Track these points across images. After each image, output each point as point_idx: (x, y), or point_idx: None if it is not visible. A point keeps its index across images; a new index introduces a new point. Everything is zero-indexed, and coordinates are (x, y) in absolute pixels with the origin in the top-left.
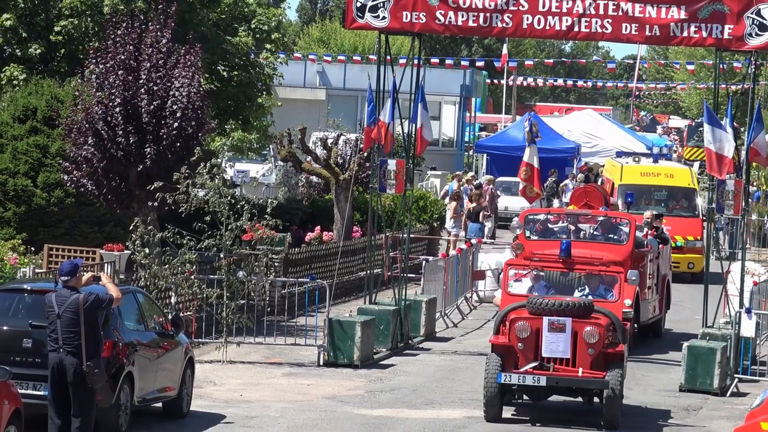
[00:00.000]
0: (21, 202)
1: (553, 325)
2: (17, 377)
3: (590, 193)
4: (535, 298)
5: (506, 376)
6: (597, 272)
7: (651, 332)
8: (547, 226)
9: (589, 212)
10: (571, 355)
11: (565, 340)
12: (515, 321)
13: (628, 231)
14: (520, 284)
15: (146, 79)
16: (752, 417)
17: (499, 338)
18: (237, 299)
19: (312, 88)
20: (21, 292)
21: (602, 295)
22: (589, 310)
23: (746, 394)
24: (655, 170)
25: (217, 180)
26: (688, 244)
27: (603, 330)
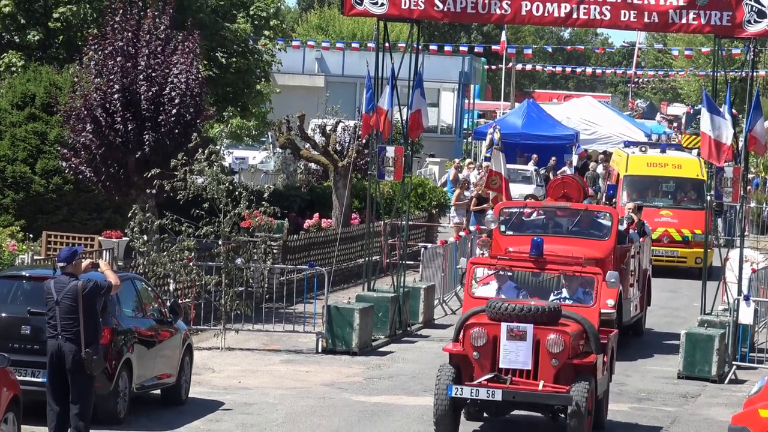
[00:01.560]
0: (19, 188)
1: (512, 332)
2: (16, 364)
3: (568, 184)
4: (495, 301)
5: (457, 390)
6: (572, 273)
7: (631, 331)
8: (522, 220)
9: (568, 205)
10: (532, 366)
11: (526, 349)
12: (470, 327)
13: (610, 225)
14: (488, 287)
15: (145, 65)
16: (750, 404)
17: (454, 346)
18: (235, 286)
19: (310, 75)
20: (19, 279)
21: (581, 299)
22: (556, 316)
23: (744, 381)
24: (662, 161)
25: (216, 167)
26: (696, 237)
27: (569, 338)
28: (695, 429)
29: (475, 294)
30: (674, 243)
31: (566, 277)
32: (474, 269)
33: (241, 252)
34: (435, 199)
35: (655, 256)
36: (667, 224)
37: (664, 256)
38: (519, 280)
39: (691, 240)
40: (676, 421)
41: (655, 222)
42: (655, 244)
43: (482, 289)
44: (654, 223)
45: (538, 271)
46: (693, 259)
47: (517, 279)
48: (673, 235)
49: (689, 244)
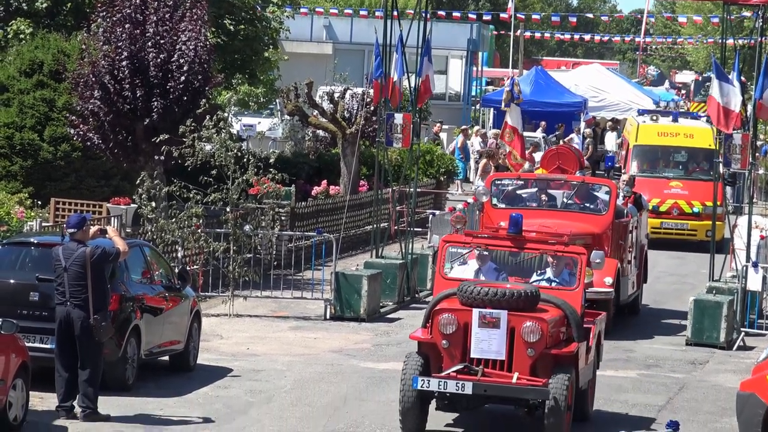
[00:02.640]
0: (28, 156)
1: (485, 319)
2: (24, 330)
3: (563, 155)
4: (466, 284)
5: (424, 382)
6: (553, 252)
7: (627, 309)
8: (515, 192)
9: (564, 177)
10: (506, 356)
11: (500, 337)
12: (439, 313)
13: (607, 199)
14: (465, 267)
15: (153, 32)
16: (759, 370)
17: (422, 334)
18: (243, 253)
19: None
20: (28, 246)
21: (565, 281)
22: (533, 301)
23: (753, 348)
24: (674, 130)
25: (224, 134)
26: (707, 210)
27: (546, 326)
28: (703, 395)
29: (448, 275)
30: (684, 215)
31: (549, 257)
32: (447, 248)
33: (249, 219)
34: (443, 166)
35: (664, 229)
36: (677, 196)
37: (674, 229)
38: (499, 260)
39: (702, 212)
40: (684, 388)
41: (664, 194)
42: (664, 216)
43: (458, 270)
44: (663, 195)
45: (517, 250)
46: (704, 232)
47: (497, 259)
48: (683, 208)
49: (700, 217)
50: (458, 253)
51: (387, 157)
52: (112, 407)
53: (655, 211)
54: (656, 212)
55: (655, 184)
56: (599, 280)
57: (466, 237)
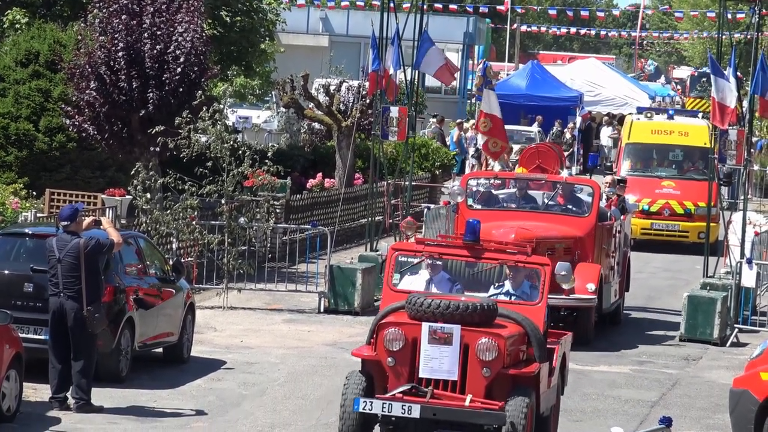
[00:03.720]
0: (23, 146)
1: (435, 334)
2: (18, 321)
3: (543, 154)
4: (416, 296)
5: (366, 404)
6: (513, 263)
7: (609, 319)
8: (492, 193)
9: (544, 177)
10: (459, 376)
11: (452, 355)
12: (385, 327)
13: (590, 201)
14: (416, 277)
15: (149, 23)
16: (752, 367)
17: (366, 350)
18: (238, 245)
19: (315, 34)
20: (22, 237)
21: (527, 295)
22: (490, 315)
23: (746, 345)
24: (668, 127)
25: (219, 126)
26: (699, 211)
27: (504, 343)
28: (696, 391)
29: (397, 287)
30: (676, 216)
31: (508, 269)
32: (396, 257)
33: (244, 211)
34: (438, 159)
35: (654, 231)
36: (669, 196)
37: (665, 230)
38: (454, 270)
39: (695, 213)
40: (677, 384)
41: (655, 194)
42: (654, 217)
43: (408, 281)
44: (654, 194)
45: (473, 260)
46: (696, 233)
47: (452, 269)
48: (675, 208)
49: (692, 218)
50: (408, 262)
51: (382, 150)
52: (105, 399)
53: (645, 211)
54: (647, 213)
55: (647, 184)
56: (581, 287)
57: (416, 245)
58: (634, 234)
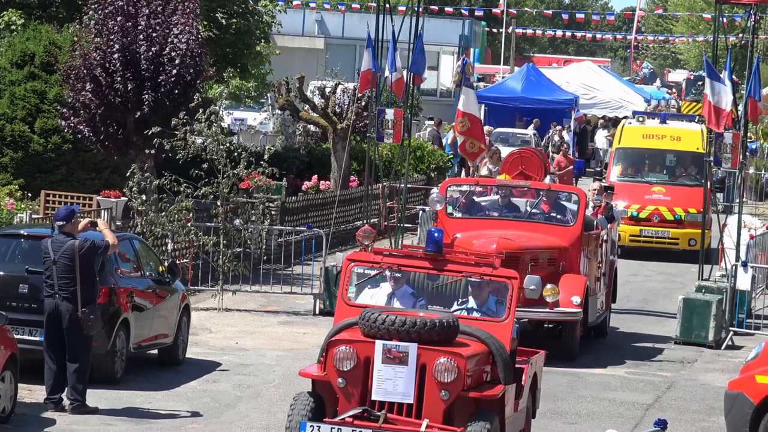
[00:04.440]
0: (18, 147)
1: (389, 353)
2: (13, 322)
3: (527, 159)
4: (369, 311)
5: (313, 428)
6: (478, 276)
7: (594, 332)
8: (473, 200)
9: (527, 184)
10: (415, 399)
11: (407, 376)
12: (335, 345)
13: (576, 209)
14: (375, 291)
15: (145, 25)
16: (747, 370)
17: (314, 370)
18: (233, 247)
19: (310, 36)
20: (18, 238)
21: (493, 311)
22: (450, 333)
23: (741, 347)
24: (660, 132)
25: (215, 127)
26: (689, 217)
27: (464, 363)
28: (691, 394)
29: (352, 301)
30: (665, 223)
31: (473, 282)
32: (351, 268)
33: (240, 213)
34: (434, 162)
35: (644, 237)
36: (659, 202)
37: (654, 237)
38: (418, 284)
39: (685, 220)
40: (672, 386)
41: (645, 199)
42: (644, 223)
43: (368, 295)
44: (644, 200)
45: (435, 272)
46: (686, 240)
47: (415, 283)
48: (665, 214)
49: (682, 224)
50: (365, 274)
51: (378, 152)
52: (100, 400)
53: (634, 218)
54: (635, 219)
55: (636, 190)
56: (566, 300)
57: (374, 256)
58: (622, 241)
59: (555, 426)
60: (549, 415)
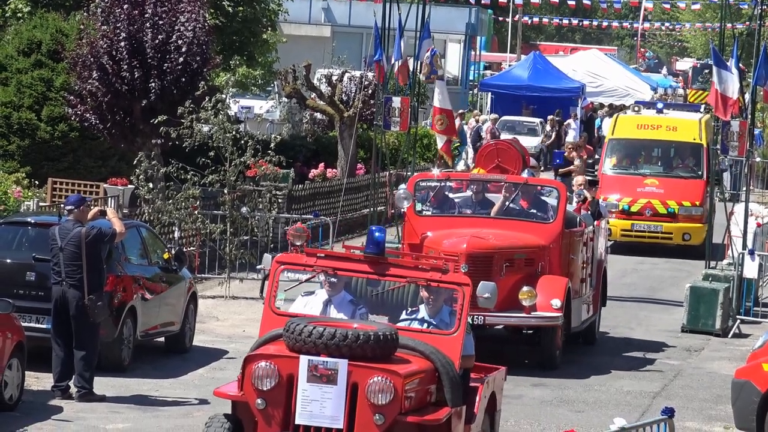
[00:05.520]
0: (25, 135)
1: (316, 370)
2: (20, 310)
3: (504, 152)
4: (295, 321)
5: None
6: (425, 283)
7: (582, 338)
8: (445, 196)
9: (503, 177)
10: (345, 423)
11: (336, 397)
12: (254, 361)
13: (556, 204)
14: (310, 298)
15: (151, 13)
16: (754, 358)
17: (232, 389)
18: (240, 235)
19: (317, 24)
20: (25, 225)
21: (444, 323)
22: (387, 347)
23: (748, 336)
24: (656, 122)
25: (222, 115)
26: (683, 210)
27: (402, 383)
28: (698, 382)
29: (281, 309)
30: (658, 216)
31: (420, 289)
32: (281, 271)
33: (247, 201)
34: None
35: (635, 232)
36: (651, 195)
37: (647, 231)
38: (359, 290)
39: (678, 213)
40: (679, 375)
41: (637, 192)
42: (635, 217)
43: (302, 303)
44: (636, 193)
45: (376, 277)
46: (680, 235)
47: (356, 289)
48: (657, 208)
49: (676, 218)
50: (297, 279)
51: (384, 140)
52: (107, 388)
53: (626, 211)
54: (627, 213)
55: (628, 182)
56: (545, 303)
57: (307, 257)
58: (614, 236)
59: (562, 414)
60: (556, 403)
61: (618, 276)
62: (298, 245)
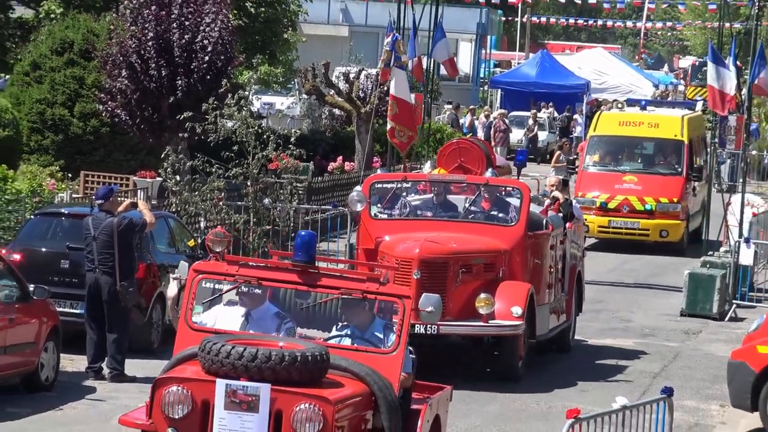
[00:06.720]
0: (59, 130)
1: (235, 396)
2: (55, 296)
3: (467, 151)
4: (211, 340)
5: None
6: (360, 295)
7: (555, 346)
8: (402, 198)
9: (463, 178)
10: None
11: (258, 427)
12: (164, 384)
13: (518, 205)
14: (231, 310)
15: (178, 14)
16: (749, 340)
17: (138, 417)
18: (263, 225)
19: (335, 24)
20: (59, 216)
21: (378, 339)
22: (317, 369)
23: (744, 319)
24: (638, 119)
25: (245, 111)
26: (661, 207)
27: (332, 410)
28: (696, 363)
29: (198, 324)
30: (635, 213)
31: (351, 302)
32: (198, 282)
33: (269, 192)
34: None
35: (612, 228)
36: (629, 191)
37: (623, 228)
38: (287, 302)
39: (656, 210)
40: (678, 356)
41: (614, 189)
42: (612, 214)
43: (218, 316)
44: (614, 190)
45: (305, 288)
46: (657, 232)
47: (282, 301)
48: (635, 204)
49: (653, 215)
50: (217, 289)
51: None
52: (138, 369)
53: (603, 208)
54: (604, 210)
55: (607, 179)
56: (505, 311)
57: (227, 266)
58: (591, 232)
59: (566, 394)
60: (559, 383)
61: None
62: (218, 252)
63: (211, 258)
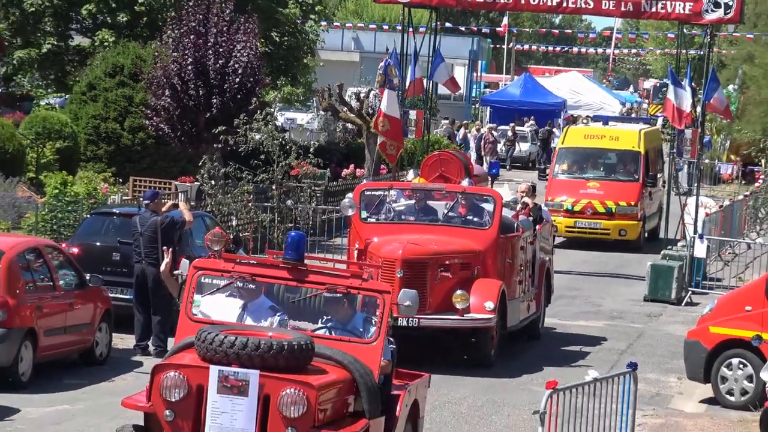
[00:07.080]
0: (111, 142)
1: (227, 381)
2: (108, 284)
3: (447, 162)
4: (206, 330)
5: None
6: (344, 290)
7: (527, 335)
8: (389, 204)
9: (442, 187)
10: None
11: (247, 409)
12: (162, 370)
13: (492, 210)
14: (229, 304)
15: (213, 42)
16: (702, 322)
17: (140, 399)
18: (286, 222)
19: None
20: (111, 215)
21: (359, 331)
22: (302, 357)
23: (698, 304)
24: (600, 132)
25: (270, 126)
26: (620, 209)
27: (315, 394)
28: (657, 342)
29: (198, 316)
30: (597, 215)
31: (335, 297)
32: (198, 277)
33: (291, 195)
34: None
35: (578, 228)
36: (592, 196)
37: (587, 228)
38: (279, 297)
39: (615, 212)
40: (642, 336)
41: (580, 194)
42: (577, 215)
43: (217, 309)
44: (579, 194)
45: (295, 284)
46: (617, 231)
47: (276, 295)
48: (597, 207)
49: (613, 216)
50: (215, 284)
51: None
52: None
53: (569, 210)
54: (571, 212)
55: (573, 185)
56: (479, 305)
57: (224, 263)
58: (559, 232)
59: (544, 369)
60: (535, 359)
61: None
62: (216, 250)
63: (209, 255)
